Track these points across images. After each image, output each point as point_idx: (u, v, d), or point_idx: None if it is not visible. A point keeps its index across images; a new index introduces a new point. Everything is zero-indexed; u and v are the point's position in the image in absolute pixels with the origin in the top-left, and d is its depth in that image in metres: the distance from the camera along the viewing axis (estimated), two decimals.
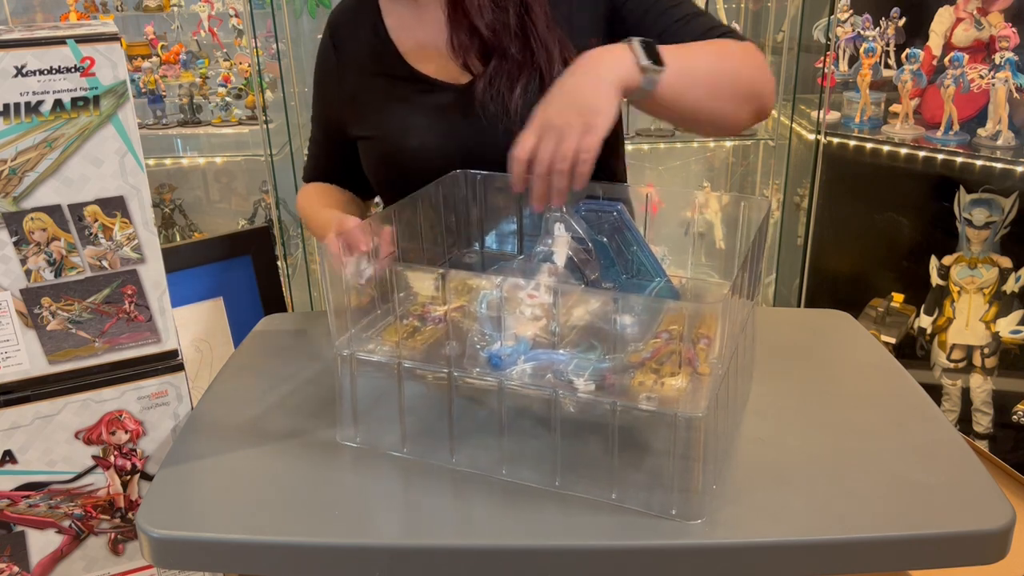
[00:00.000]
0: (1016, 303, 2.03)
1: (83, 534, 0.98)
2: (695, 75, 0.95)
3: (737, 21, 2.47)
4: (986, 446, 2.00)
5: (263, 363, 1.06)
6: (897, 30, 2.21)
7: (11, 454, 0.92)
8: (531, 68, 1.09)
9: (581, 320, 0.77)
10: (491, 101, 1.09)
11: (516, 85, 1.09)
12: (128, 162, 0.87)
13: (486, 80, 1.10)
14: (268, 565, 0.75)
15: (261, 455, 0.86)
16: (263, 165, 2.35)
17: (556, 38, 1.10)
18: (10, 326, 0.88)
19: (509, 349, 0.76)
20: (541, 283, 0.77)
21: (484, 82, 1.10)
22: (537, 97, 1.08)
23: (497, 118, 1.09)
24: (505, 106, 1.09)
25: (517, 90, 1.08)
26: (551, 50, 1.09)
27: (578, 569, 0.73)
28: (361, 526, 0.75)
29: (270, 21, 2.28)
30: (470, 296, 0.78)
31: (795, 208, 2.39)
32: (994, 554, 0.73)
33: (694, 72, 0.95)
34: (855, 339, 1.10)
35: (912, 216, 2.30)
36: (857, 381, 0.99)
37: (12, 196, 0.84)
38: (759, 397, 0.94)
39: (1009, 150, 1.97)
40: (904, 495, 0.77)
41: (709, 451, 0.74)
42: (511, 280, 0.77)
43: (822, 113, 2.20)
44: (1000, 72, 1.92)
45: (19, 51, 0.81)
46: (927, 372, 2.14)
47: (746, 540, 0.72)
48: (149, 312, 0.93)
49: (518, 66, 1.09)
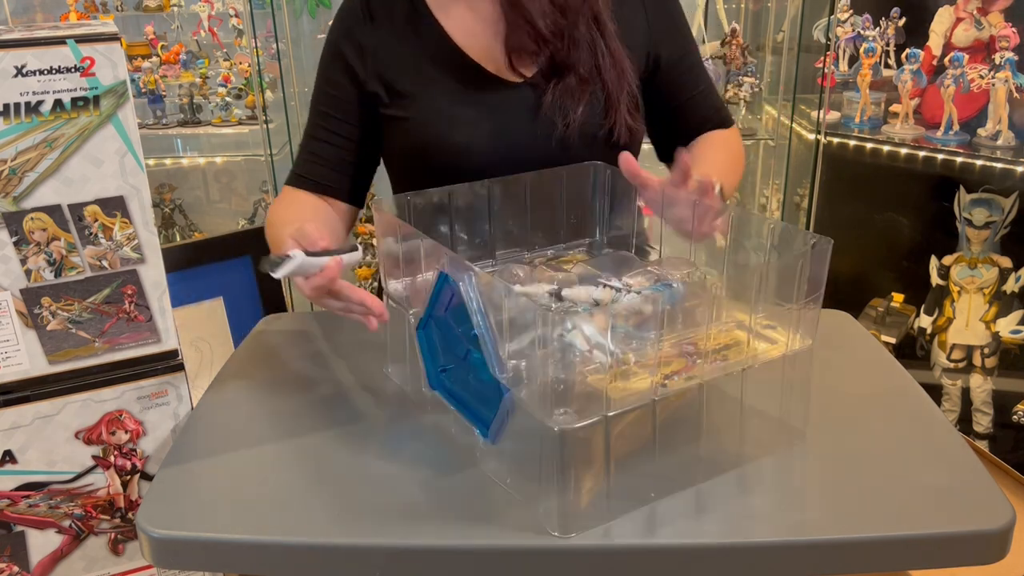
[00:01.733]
0: (1016, 303, 2.03)
1: (83, 534, 0.98)
2: (727, 191, 1.09)
3: (737, 21, 2.47)
4: (986, 446, 2.00)
5: (263, 363, 1.06)
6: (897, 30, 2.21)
7: (11, 454, 0.92)
8: (598, 85, 1.10)
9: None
10: (555, 113, 1.09)
11: (581, 102, 1.09)
12: (128, 162, 0.87)
13: (553, 93, 1.09)
14: (268, 565, 0.75)
15: (261, 455, 0.86)
16: (263, 165, 2.34)
17: (625, 56, 1.11)
18: (10, 326, 0.88)
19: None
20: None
21: (551, 95, 1.09)
22: (599, 113, 1.11)
23: (554, 128, 1.09)
24: (566, 120, 1.08)
25: (581, 108, 1.09)
26: (622, 68, 1.10)
27: (578, 569, 0.73)
28: (361, 526, 0.75)
29: (270, 21, 2.28)
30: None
31: (795, 208, 2.39)
32: (994, 554, 0.73)
33: (728, 189, 1.09)
34: (855, 339, 1.10)
35: (912, 216, 2.30)
36: (857, 381, 0.99)
37: (12, 196, 0.84)
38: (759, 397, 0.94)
39: (1009, 150, 1.97)
40: (904, 495, 0.77)
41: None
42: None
43: (822, 113, 2.20)
44: (1000, 72, 1.92)
45: (19, 51, 0.81)
46: (927, 372, 2.14)
47: (746, 540, 0.72)
48: (149, 312, 0.93)
49: (585, 82, 1.09)
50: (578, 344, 0.70)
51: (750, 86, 2.39)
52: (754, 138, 2.46)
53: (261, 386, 1.00)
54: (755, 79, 2.40)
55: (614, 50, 1.10)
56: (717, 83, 2.43)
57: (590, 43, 1.10)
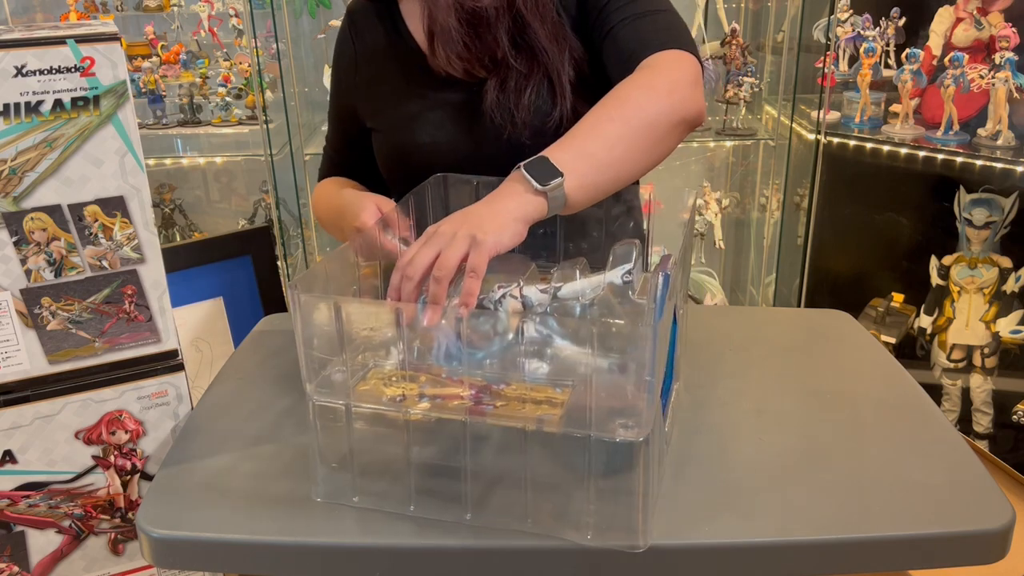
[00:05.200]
0: (1016, 303, 2.03)
1: (83, 534, 0.98)
2: (604, 156, 0.88)
3: (737, 21, 2.47)
4: (986, 446, 2.00)
5: (263, 363, 1.06)
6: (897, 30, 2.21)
7: (11, 454, 0.92)
8: (539, 75, 1.09)
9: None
10: (499, 109, 1.09)
11: (523, 95, 1.08)
12: (128, 162, 0.87)
13: (495, 91, 1.09)
14: (268, 565, 0.75)
15: (261, 455, 0.86)
16: (263, 165, 2.35)
17: (561, 35, 1.09)
18: (10, 326, 0.88)
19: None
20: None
21: (493, 93, 1.09)
22: (546, 101, 1.09)
23: (503, 127, 1.09)
24: (512, 116, 1.08)
25: (524, 99, 1.08)
26: (554, 53, 1.08)
27: (578, 568, 0.73)
28: (361, 526, 0.75)
29: (270, 21, 2.29)
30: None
31: (795, 208, 2.39)
32: (994, 554, 0.73)
33: (601, 153, 0.88)
34: (855, 339, 1.10)
35: (912, 216, 2.30)
36: (857, 381, 0.99)
37: (12, 196, 0.84)
38: (759, 397, 0.94)
39: (1009, 150, 1.97)
40: (904, 495, 0.77)
41: None
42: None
43: (822, 113, 2.20)
44: (1000, 72, 1.92)
45: (19, 51, 0.81)
46: (927, 372, 2.14)
47: (746, 540, 0.72)
48: (149, 312, 0.93)
49: (524, 77, 1.08)
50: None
51: (750, 86, 2.39)
52: (754, 138, 2.47)
53: (261, 386, 1.00)
54: (755, 79, 2.40)
55: (543, 42, 1.07)
56: (717, 83, 2.44)
57: (519, 39, 1.08)
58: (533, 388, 0.72)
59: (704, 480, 0.80)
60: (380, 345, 0.79)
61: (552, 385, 0.72)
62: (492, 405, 0.72)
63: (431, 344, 0.74)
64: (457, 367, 0.73)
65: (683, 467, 0.81)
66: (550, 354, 0.72)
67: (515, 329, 0.72)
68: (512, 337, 0.72)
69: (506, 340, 0.73)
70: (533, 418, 0.70)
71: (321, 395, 0.76)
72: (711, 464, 0.82)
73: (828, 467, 0.81)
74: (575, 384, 0.72)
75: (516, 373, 0.72)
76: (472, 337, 0.73)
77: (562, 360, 0.72)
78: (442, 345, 0.74)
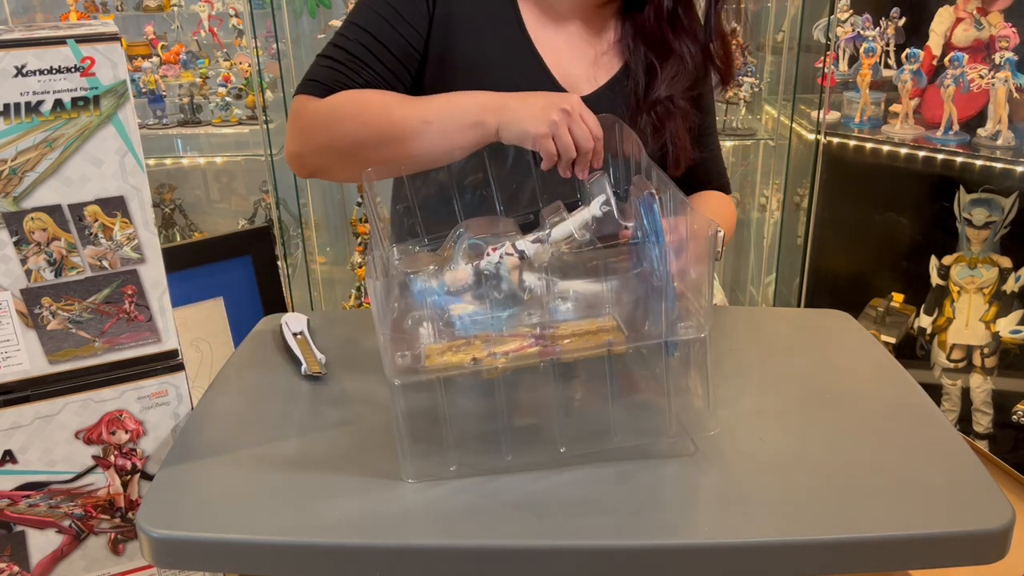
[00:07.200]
0: (1016, 303, 2.03)
1: (83, 534, 0.98)
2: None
3: (737, 21, 2.47)
4: (986, 446, 2.00)
5: (263, 363, 1.06)
6: (897, 30, 2.21)
7: (11, 454, 0.92)
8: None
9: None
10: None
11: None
12: (128, 162, 0.87)
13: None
14: (268, 565, 0.75)
15: (261, 455, 0.86)
16: (263, 165, 2.35)
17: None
18: (10, 326, 0.88)
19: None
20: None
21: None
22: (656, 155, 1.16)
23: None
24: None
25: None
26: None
27: (578, 569, 0.73)
28: (361, 526, 0.75)
29: (270, 21, 2.29)
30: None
31: (795, 208, 2.39)
32: (994, 554, 0.73)
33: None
34: (855, 339, 1.10)
35: (912, 216, 2.30)
36: (857, 381, 0.99)
37: (12, 196, 0.84)
38: (759, 397, 0.94)
39: (1009, 150, 1.97)
40: (904, 495, 0.77)
41: None
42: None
43: (822, 113, 2.20)
44: (1000, 72, 1.92)
45: (19, 51, 0.81)
46: (927, 372, 2.14)
47: (746, 540, 0.72)
48: (149, 312, 0.93)
49: (655, 131, 1.14)
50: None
51: (750, 86, 2.39)
52: (754, 138, 2.46)
53: (261, 386, 1.00)
54: (755, 79, 2.40)
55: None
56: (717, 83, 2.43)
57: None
58: (578, 325, 0.80)
59: (704, 480, 0.80)
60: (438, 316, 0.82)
61: (593, 317, 0.81)
62: (558, 346, 0.78)
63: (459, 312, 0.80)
64: (501, 324, 0.79)
65: (683, 467, 0.81)
66: (573, 295, 0.81)
67: (518, 282, 0.79)
68: (533, 289, 0.79)
69: (533, 292, 0.79)
70: (603, 343, 0.78)
71: (406, 376, 0.77)
72: (711, 464, 0.82)
73: (828, 467, 0.81)
74: (609, 312, 0.81)
75: (551, 317, 0.80)
76: (495, 299, 0.79)
77: (585, 296, 0.81)
78: (465, 316, 0.80)
